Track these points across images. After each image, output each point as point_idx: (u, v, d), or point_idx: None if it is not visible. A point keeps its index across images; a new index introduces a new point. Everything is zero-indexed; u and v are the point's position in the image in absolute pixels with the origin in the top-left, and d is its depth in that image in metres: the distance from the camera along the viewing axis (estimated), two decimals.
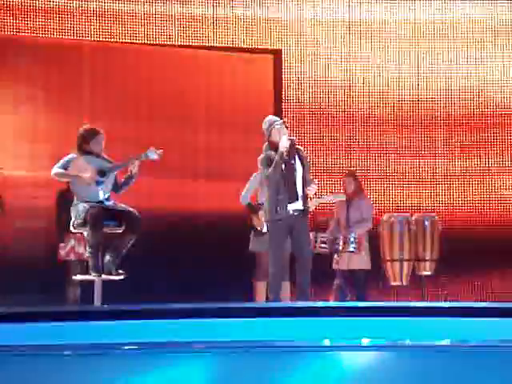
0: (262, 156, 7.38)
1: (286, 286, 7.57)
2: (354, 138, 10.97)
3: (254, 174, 8.34)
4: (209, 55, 10.66)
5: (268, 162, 7.26)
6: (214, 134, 10.57)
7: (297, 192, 7.28)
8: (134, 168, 7.35)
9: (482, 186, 11.02)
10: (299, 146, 7.51)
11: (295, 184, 7.28)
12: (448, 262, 9.74)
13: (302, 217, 7.32)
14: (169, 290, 8.77)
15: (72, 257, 8.60)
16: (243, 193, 8.39)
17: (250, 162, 8.42)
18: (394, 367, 4.36)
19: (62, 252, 8.63)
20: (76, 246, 8.59)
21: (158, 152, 7.31)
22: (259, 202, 8.28)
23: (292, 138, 7.36)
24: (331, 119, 10.98)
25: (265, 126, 7.40)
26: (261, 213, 8.17)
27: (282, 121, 7.50)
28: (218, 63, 10.69)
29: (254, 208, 8.29)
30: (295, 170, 7.29)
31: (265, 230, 8.16)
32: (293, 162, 7.28)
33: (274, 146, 7.27)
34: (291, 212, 7.25)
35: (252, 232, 8.32)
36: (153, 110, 10.44)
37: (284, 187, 7.22)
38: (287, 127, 7.41)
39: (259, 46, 10.85)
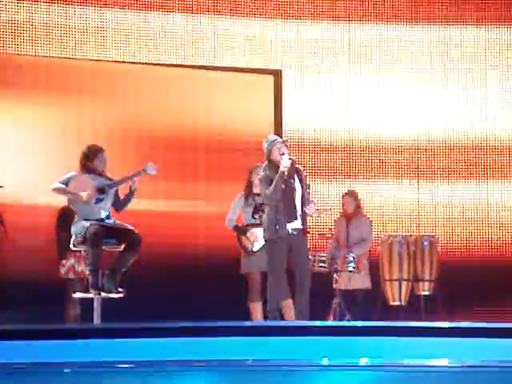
0: (261, 175, 7.40)
1: (289, 304, 7.55)
2: (354, 161, 10.93)
3: (239, 196, 8.36)
4: (208, 75, 10.68)
5: (268, 181, 7.28)
6: (213, 154, 10.57)
7: (296, 211, 7.30)
8: (133, 184, 7.41)
9: (481, 209, 10.98)
10: (299, 166, 7.54)
11: (294, 203, 7.30)
12: (447, 282, 9.74)
13: (301, 236, 7.33)
14: (167, 309, 8.76)
15: (72, 275, 8.60)
16: (228, 216, 8.38)
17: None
18: None
19: (62, 270, 8.64)
20: (76, 265, 8.60)
21: (156, 167, 7.38)
22: (245, 222, 8.30)
23: (292, 157, 7.39)
24: (331, 142, 10.95)
25: (265, 144, 7.42)
26: (249, 233, 8.18)
27: (282, 140, 7.52)
28: (217, 83, 10.71)
29: (241, 230, 8.29)
30: (294, 189, 7.31)
31: (255, 249, 8.17)
32: (292, 181, 7.31)
33: (274, 165, 7.29)
34: (290, 231, 7.27)
35: (242, 253, 8.31)
36: (152, 131, 10.45)
37: (283, 206, 7.24)
38: (287, 146, 7.43)
39: (259, 67, 10.87)
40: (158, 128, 10.44)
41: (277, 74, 10.90)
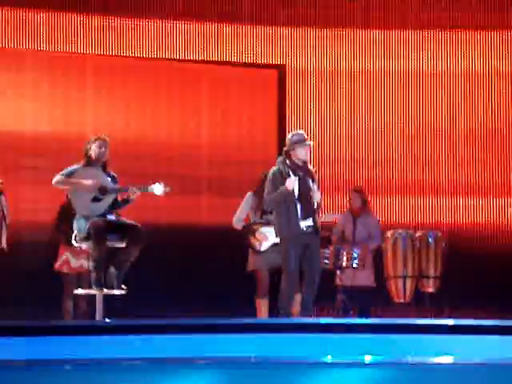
0: (274, 171, 7.30)
1: (298, 299, 7.52)
2: (359, 153, 10.97)
3: (247, 196, 8.30)
4: (212, 69, 10.67)
5: (280, 179, 7.21)
6: (218, 149, 10.57)
7: (311, 210, 7.26)
8: (133, 195, 7.27)
9: (486, 200, 11.01)
10: (311, 168, 7.45)
11: (311, 202, 7.26)
12: (452, 279, 9.71)
13: (314, 234, 7.29)
14: (170, 306, 8.74)
15: (65, 269, 8.51)
16: (236, 216, 8.33)
17: (254, 177, 8.42)
18: None
19: (57, 263, 8.58)
20: (70, 259, 8.50)
21: (166, 190, 7.16)
22: (252, 221, 8.24)
23: (307, 159, 7.33)
24: (335, 134, 10.99)
25: (293, 138, 7.31)
26: (257, 233, 8.14)
27: (310, 143, 7.42)
28: (222, 78, 10.71)
29: (249, 229, 8.25)
30: (310, 188, 7.26)
31: (263, 248, 8.12)
32: (308, 179, 7.26)
33: (293, 163, 7.21)
34: (305, 228, 7.24)
35: (250, 251, 8.27)
36: (157, 124, 10.44)
37: (298, 204, 7.21)
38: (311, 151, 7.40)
39: (264, 61, 10.87)
40: (161, 122, 10.43)
41: (281, 69, 10.90)
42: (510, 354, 4.47)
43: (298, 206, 7.22)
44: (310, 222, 7.26)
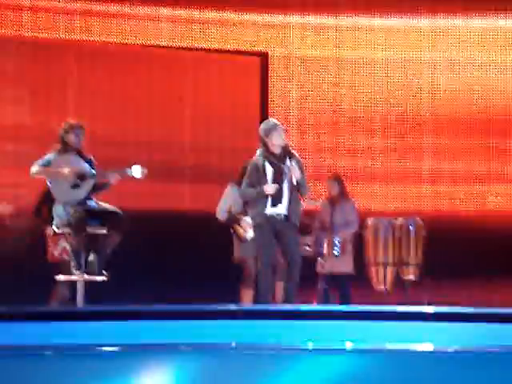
0: (252, 163, 7.30)
1: (281, 286, 7.54)
2: (341, 141, 10.98)
3: (228, 187, 8.31)
4: (196, 56, 10.64)
5: (255, 173, 7.21)
6: (200, 136, 10.56)
7: (281, 196, 7.25)
8: (112, 179, 7.26)
9: (468, 189, 11.06)
10: (294, 151, 7.47)
11: (281, 188, 7.26)
12: (432, 267, 9.75)
13: (288, 221, 7.29)
14: (154, 292, 8.74)
15: (66, 257, 8.57)
16: (219, 208, 8.34)
17: (236, 164, 8.42)
18: (376, 371, 4.36)
19: (56, 253, 8.58)
20: (67, 247, 8.57)
21: (143, 171, 7.23)
22: (235, 211, 8.25)
23: (286, 141, 7.34)
24: (318, 121, 10.99)
25: (265, 125, 7.32)
26: (242, 222, 8.15)
27: (282, 127, 7.41)
28: (205, 64, 10.68)
29: (234, 219, 8.25)
30: (285, 173, 7.26)
31: (249, 237, 8.13)
32: (283, 165, 7.26)
33: (270, 153, 7.21)
34: (273, 215, 7.23)
35: (235, 241, 8.28)
36: (139, 111, 10.41)
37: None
38: (286, 134, 7.41)
39: (246, 49, 10.85)
40: (143, 109, 10.40)
41: (263, 56, 10.88)
42: (489, 341, 4.50)
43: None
44: (280, 209, 7.26)
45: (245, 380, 4.18)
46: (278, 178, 7.22)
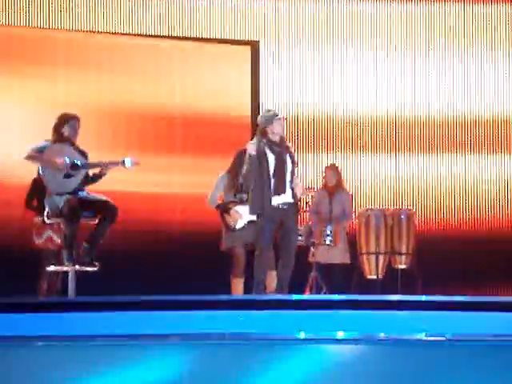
0: (250, 150, 7.27)
1: (273, 276, 7.53)
2: (332, 133, 10.95)
3: (220, 175, 8.28)
4: (185, 46, 10.60)
5: (255, 158, 7.20)
6: (190, 127, 10.52)
7: (285, 185, 7.25)
8: (105, 169, 7.28)
9: (456, 186, 11.03)
10: (288, 144, 7.48)
11: (285, 176, 7.26)
12: (424, 256, 9.76)
13: (290, 211, 7.29)
14: (142, 283, 8.73)
15: (50, 246, 8.61)
16: (210, 195, 8.32)
17: (227, 156, 8.39)
18: (369, 360, 4.36)
19: (40, 240, 8.59)
20: (54, 237, 8.60)
21: (136, 161, 7.24)
22: (225, 200, 8.23)
23: (282, 135, 7.34)
24: (308, 114, 10.96)
25: (267, 114, 7.34)
26: (232, 211, 8.12)
27: (283, 117, 7.45)
28: (194, 54, 10.65)
29: (224, 208, 8.23)
30: (285, 162, 7.26)
31: (238, 226, 8.11)
32: (283, 154, 7.26)
33: (269, 140, 7.21)
34: (279, 205, 7.23)
35: (224, 230, 8.26)
36: (128, 102, 10.37)
37: (272, 180, 7.21)
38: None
39: (237, 38, 10.81)
40: (133, 100, 10.36)
41: (254, 45, 10.85)
42: (480, 330, 4.50)
43: (272, 182, 7.22)
44: (284, 198, 7.26)
45: (235, 370, 4.17)
46: (279, 165, 7.22)
